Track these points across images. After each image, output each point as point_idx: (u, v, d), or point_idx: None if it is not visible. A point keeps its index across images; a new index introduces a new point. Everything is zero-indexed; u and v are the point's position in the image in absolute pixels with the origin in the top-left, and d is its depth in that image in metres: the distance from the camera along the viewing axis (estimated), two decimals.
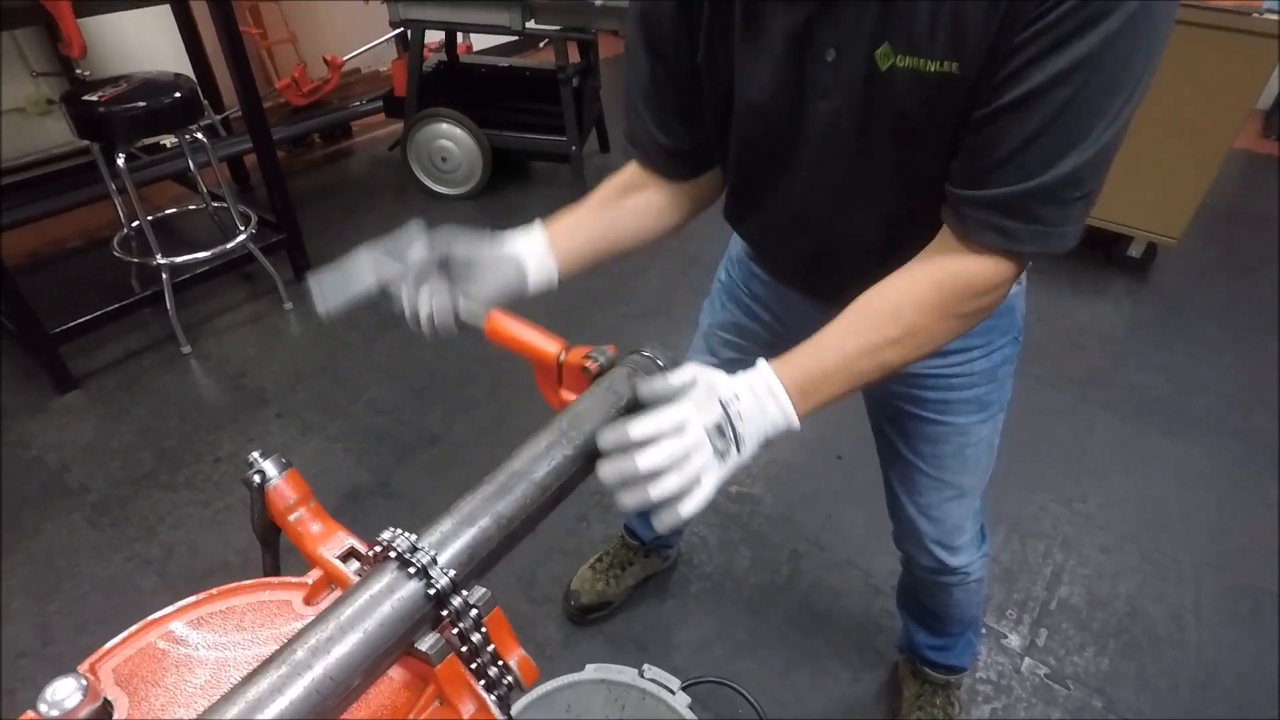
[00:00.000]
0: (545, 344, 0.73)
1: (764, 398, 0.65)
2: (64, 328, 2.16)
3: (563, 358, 0.71)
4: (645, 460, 0.56)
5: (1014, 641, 1.62)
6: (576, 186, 3.26)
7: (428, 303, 0.78)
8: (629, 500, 0.58)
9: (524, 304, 2.60)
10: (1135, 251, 2.86)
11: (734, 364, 1.16)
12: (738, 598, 1.69)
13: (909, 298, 0.71)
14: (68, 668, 1.54)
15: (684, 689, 1.20)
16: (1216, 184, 2.60)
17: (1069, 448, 2.10)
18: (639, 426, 0.57)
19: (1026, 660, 1.59)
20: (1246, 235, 3.17)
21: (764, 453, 2.05)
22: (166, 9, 2.69)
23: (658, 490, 0.57)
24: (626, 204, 0.91)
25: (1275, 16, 2.30)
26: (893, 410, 1.05)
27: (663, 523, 0.59)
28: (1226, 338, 2.55)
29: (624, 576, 1.62)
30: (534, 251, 0.83)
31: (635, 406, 0.64)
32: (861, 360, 0.69)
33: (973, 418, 1.02)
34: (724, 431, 0.62)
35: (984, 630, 1.61)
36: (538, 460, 0.59)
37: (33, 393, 2.21)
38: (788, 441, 2.13)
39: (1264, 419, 2.20)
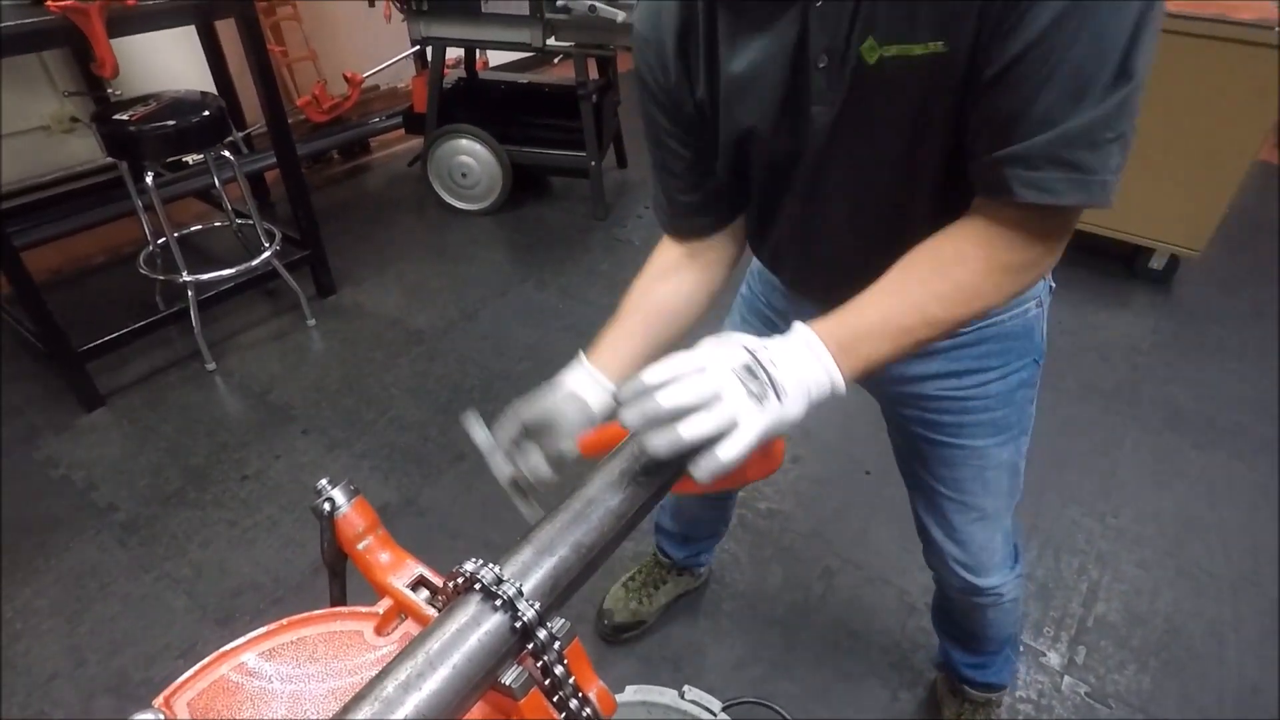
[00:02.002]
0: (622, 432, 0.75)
1: (800, 351, 0.62)
2: (90, 345, 2.17)
3: None
4: (667, 397, 0.55)
5: (1053, 660, 1.60)
6: (596, 202, 3.27)
7: (535, 470, 0.79)
8: (659, 441, 0.54)
9: (546, 319, 2.61)
10: (1157, 264, 2.84)
11: None
12: (771, 616, 1.67)
13: (952, 253, 0.68)
14: (100, 690, 1.54)
15: (724, 710, 1.19)
16: (1237, 196, 2.58)
17: (1099, 461, 2.08)
18: (654, 371, 0.57)
19: (1066, 679, 1.56)
20: (1267, 246, 3.15)
21: (793, 466, 2.02)
22: (191, 29, 2.74)
23: (688, 429, 0.54)
24: (661, 295, 0.92)
25: None
26: (909, 435, 1.05)
27: (701, 469, 0.55)
28: (1252, 349, 2.52)
29: (657, 595, 1.60)
30: (588, 385, 0.84)
31: None
32: (907, 315, 0.66)
33: (989, 440, 1.00)
34: (755, 374, 0.58)
35: (1022, 648, 1.59)
36: (612, 487, 0.58)
37: (59, 411, 2.22)
38: (816, 457, 2.12)
39: None
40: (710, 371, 0.57)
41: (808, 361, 0.62)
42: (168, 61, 3.22)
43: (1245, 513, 1.92)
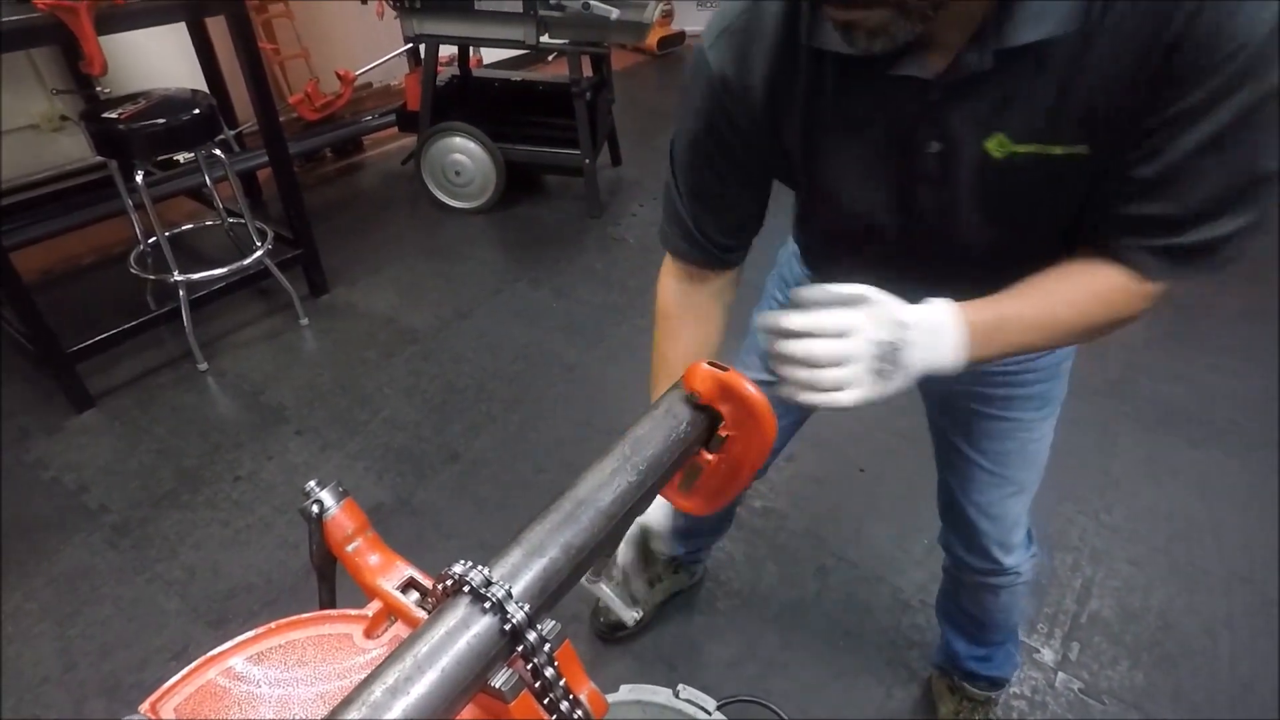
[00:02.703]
0: None
1: (940, 334, 0.65)
2: (81, 346, 2.16)
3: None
4: (788, 347, 0.61)
5: (1047, 656, 1.60)
6: (590, 200, 3.26)
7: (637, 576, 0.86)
8: (777, 360, 0.63)
9: (540, 318, 2.60)
10: None
11: None
12: (766, 614, 1.67)
13: (1094, 291, 0.71)
14: (92, 693, 1.53)
15: (719, 708, 1.19)
16: None
17: (1094, 459, 2.08)
18: (796, 317, 0.60)
19: (1060, 675, 1.57)
20: (1261, 245, 3.16)
21: (787, 464, 2.02)
22: (181, 26, 2.72)
23: (791, 373, 0.61)
24: (688, 325, 0.96)
25: None
26: (956, 410, 1.06)
27: (790, 396, 0.63)
28: (1245, 346, 2.53)
29: (652, 593, 1.60)
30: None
31: (695, 429, 0.63)
32: (1041, 331, 0.71)
33: (1037, 413, 1.03)
34: (891, 355, 0.63)
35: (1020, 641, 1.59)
36: (603, 487, 0.57)
37: (50, 412, 2.21)
38: (811, 455, 2.12)
39: None
40: (848, 340, 0.61)
41: (943, 344, 0.65)
42: (158, 59, 3.20)
43: (1238, 510, 1.93)
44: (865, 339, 0.62)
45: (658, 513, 0.86)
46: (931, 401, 1.11)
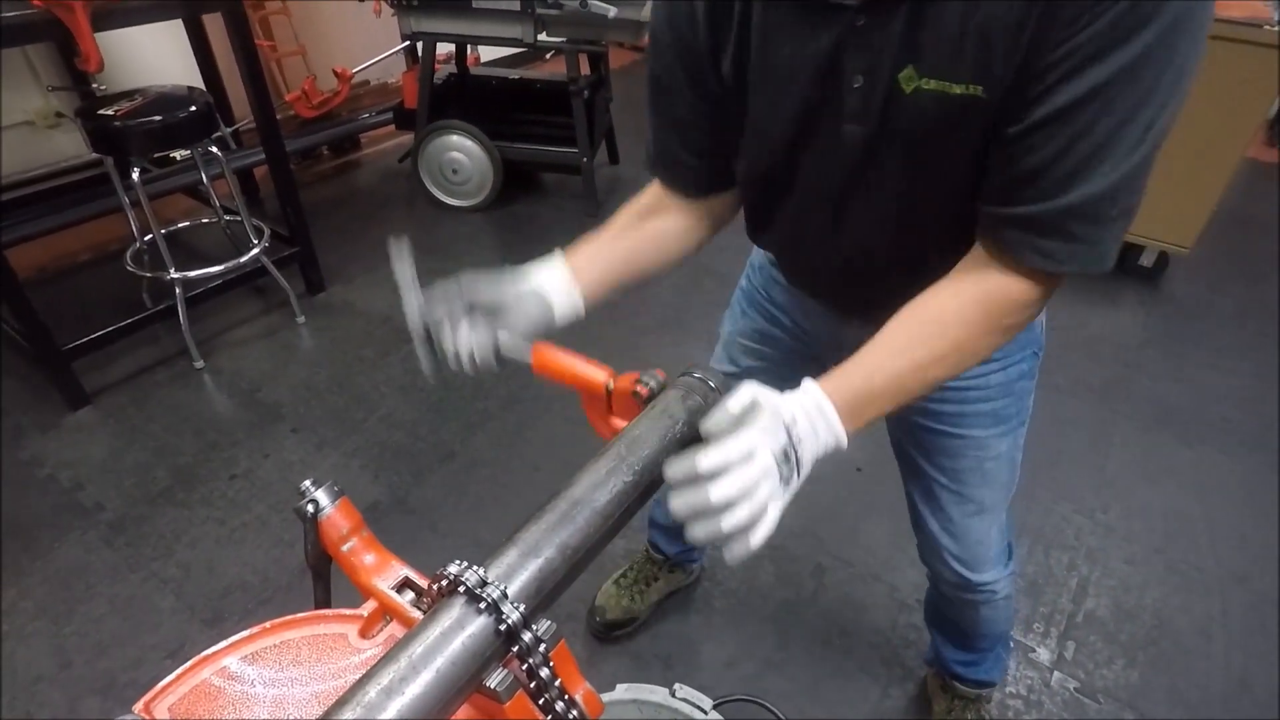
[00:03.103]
0: (593, 373, 0.73)
1: (816, 419, 0.64)
2: (76, 343, 2.15)
3: (611, 385, 0.71)
4: (718, 492, 0.55)
5: (1043, 655, 1.60)
6: (587, 198, 3.26)
7: (467, 341, 0.78)
8: (700, 533, 0.57)
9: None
10: (1147, 261, 2.86)
11: (755, 371, 1.16)
12: (763, 613, 1.67)
13: (954, 314, 0.70)
14: (87, 691, 1.52)
15: (716, 707, 1.19)
16: (1226, 193, 2.59)
17: (1090, 458, 2.09)
18: (708, 458, 0.56)
19: (1056, 674, 1.57)
20: (1255, 243, 3.17)
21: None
22: (178, 22, 2.71)
23: (730, 522, 0.56)
24: (647, 228, 0.91)
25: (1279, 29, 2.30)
26: (910, 424, 1.05)
27: (733, 554, 0.58)
28: (1240, 346, 2.54)
29: (649, 592, 1.60)
30: (557, 284, 0.83)
31: (691, 429, 0.63)
32: (910, 378, 0.69)
33: (990, 431, 1.01)
34: (789, 457, 0.61)
35: (1013, 644, 1.60)
36: (598, 487, 0.57)
37: (44, 410, 2.20)
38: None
39: None
40: (756, 460, 0.57)
41: (822, 430, 0.64)
42: (154, 56, 3.19)
43: (1233, 509, 1.94)
44: (768, 453, 0.58)
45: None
46: (889, 418, 1.09)
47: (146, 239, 2.49)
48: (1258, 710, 1.51)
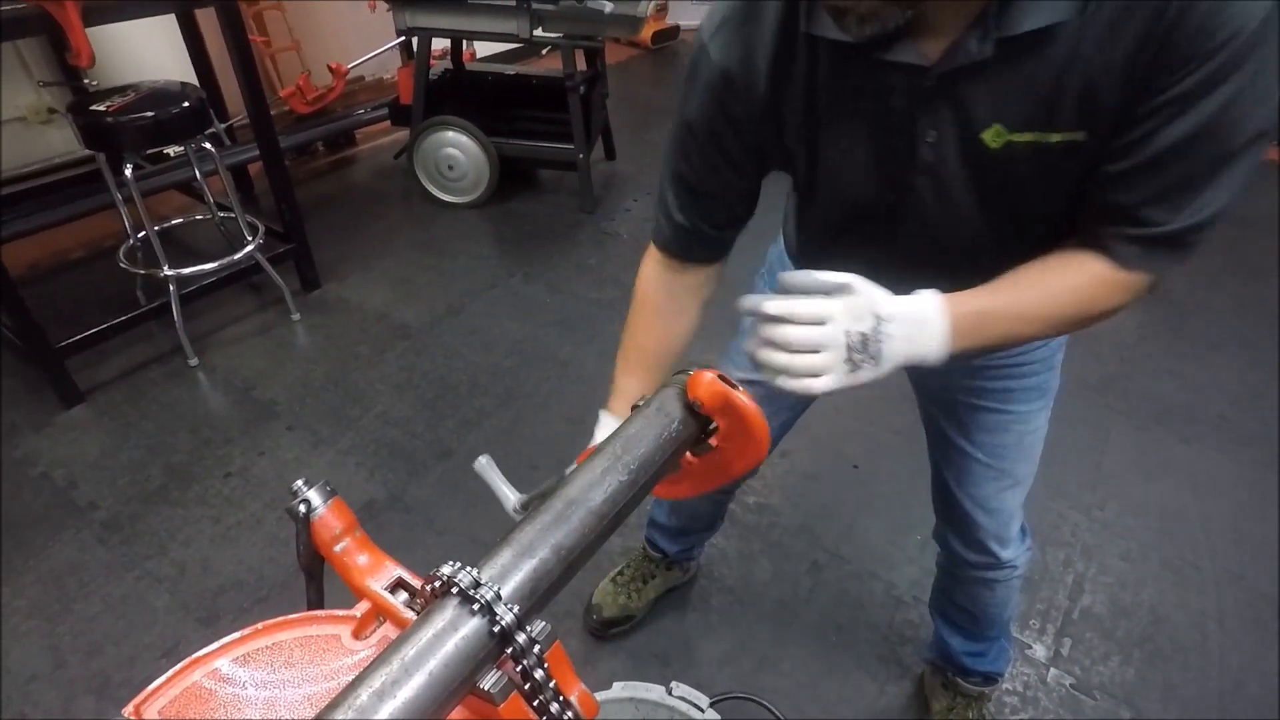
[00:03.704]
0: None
1: (923, 325, 0.66)
2: (69, 341, 2.14)
3: None
4: (770, 331, 0.62)
5: (1039, 652, 1.61)
6: (584, 194, 3.25)
7: None
8: (745, 348, 0.65)
9: (533, 314, 2.58)
10: None
11: None
12: (759, 610, 1.67)
13: (1076, 285, 0.72)
14: (81, 691, 1.51)
15: (712, 705, 1.18)
16: None
17: (1086, 455, 2.09)
18: (776, 303, 0.61)
19: (1052, 671, 1.57)
20: (1251, 240, 3.17)
21: (780, 460, 2.02)
22: (171, 17, 2.69)
23: (766, 356, 0.63)
24: (671, 340, 0.93)
25: None
26: (950, 404, 1.05)
27: (764, 376, 0.65)
28: (1237, 343, 2.54)
29: (646, 590, 1.60)
30: None
31: (688, 428, 0.63)
32: (1022, 325, 0.72)
33: (1033, 405, 1.03)
34: (868, 345, 0.64)
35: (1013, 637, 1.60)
36: (594, 487, 0.57)
37: (38, 407, 2.19)
38: (804, 451, 2.12)
39: (1277, 424, 2.19)
40: (824, 328, 0.62)
41: (926, 335, 0.66)
42: (147, 51, 3.17)
43: (1230, 506, 1.94)
44: (839, 328, 0.63)
45: None
46: (925, 395, 1.11)
47: (140, 236, 2.48)
48: (1253, 707, 1.51)
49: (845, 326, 0.63)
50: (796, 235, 1.01)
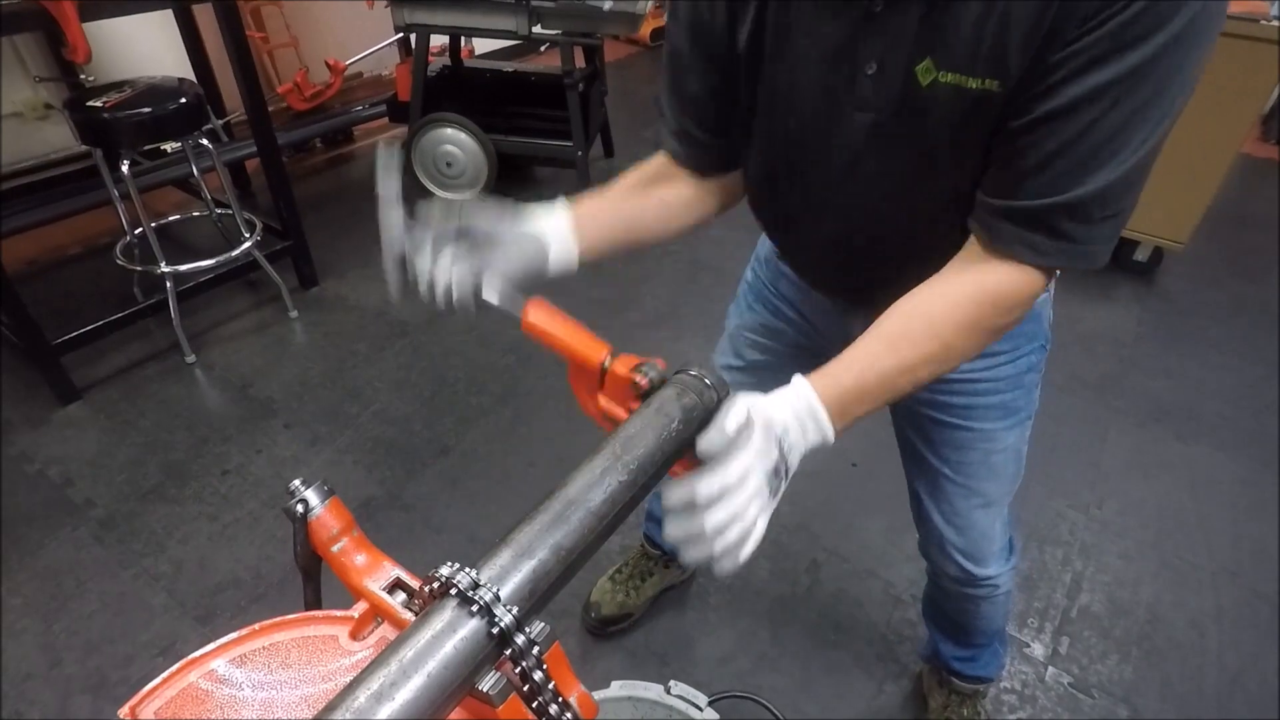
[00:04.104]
0: (591, 347, 0.69)
1: (805, 420, 0.64)
2: (66, 337, 2.13)
3: (608, 364, 0.68)
4: (712, 520, 0.56)
5: (1037, 650, 1.61)
6: (582, 191, 3.23)
7: (446, 272, 0.73)
8: (692, 555, 0.58)
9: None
10: (1141, 256, 2.86)
11: (760, 366, 1.16)
12: (758, 609, 1.67)
13: (945, 314, 0.70)
14: (77, 689, 1.51)
15: (711, 704, 1.18)
16: (1221, 189, 2.60)
17: (1084, 453, 2.09)
18: (706, 487, 0.56)
19: (1050, 669, 1.57)
20: (1250, 239, 3.17)
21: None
22: (168, 13, 2.67)
23: (721, 544, 0.57)
24: (653, 194, 0.90)
25: (1278, 24, 2.30)
26: (917, 417, 1.04)
27: (723, 569, 0.59)
28: (1235, 342, 2.55)
29: (644, 587, 1.59)
30: (557, 231, 0.81)
31: (687, 427, 0.62)
32: (900, 378, 0.69)
33: (998, 424, 1.01)
34: (779, 471, 0.61)
35: (1008, 639, 1.60)
36: (593, 487, 0.56)
37: (34, 405, 2.18)
38: None
39: (1275, 423, 2.19)
40: (749, 483, 0.58)
41: (809, 429, 0.64)
42: (144, 47, 3.15)
43: (1227, 504, 1.94)
44: (761, 475, 0.58)
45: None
46: (895, 409, 1.10)
47: (137, 232, 2.47)
48: (1251, 705, 1.52)
49: (763, 469, 0.59)
50: (748, 189, 0.96)
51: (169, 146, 2.93)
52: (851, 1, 0.67)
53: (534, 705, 0.50)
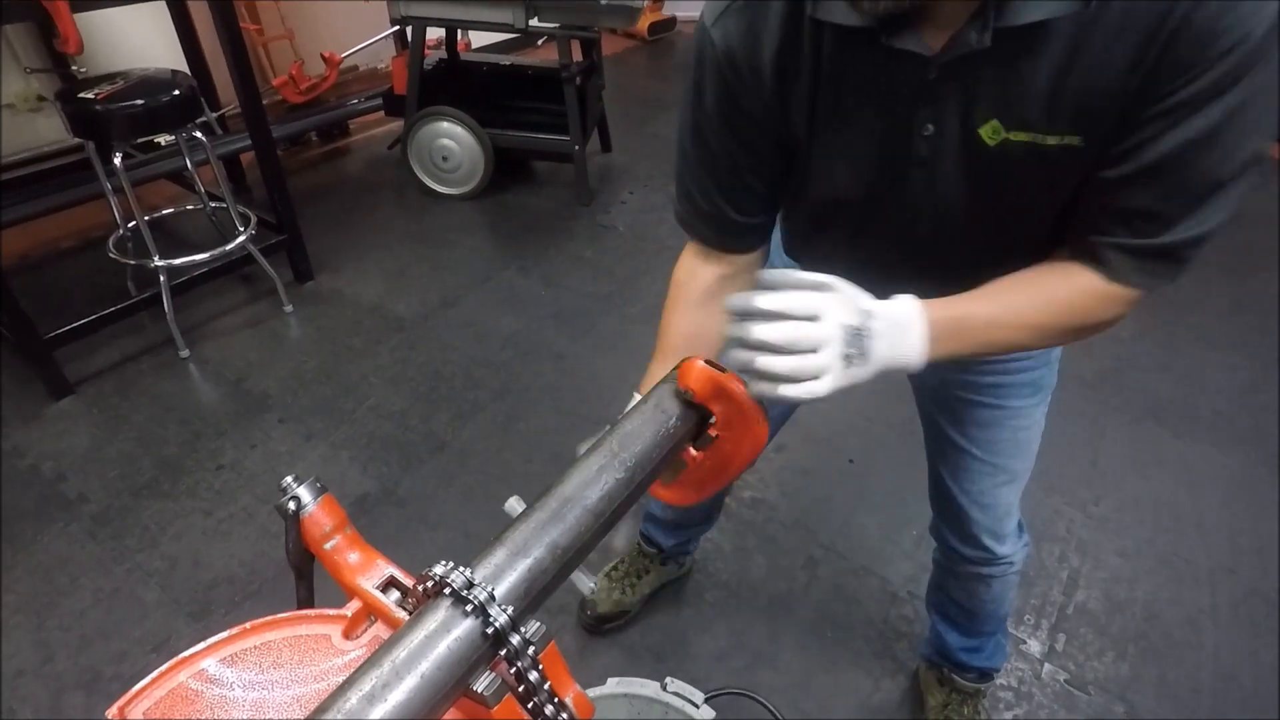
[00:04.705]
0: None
1: (904, 328, 0.65)
2: (58, 332, 2.11)
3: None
4: (766, 332, 0.58)
5: (1033, 647, 1.61)
6: (579, 187, 3.22)
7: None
8: (736, 359, 0.59)
9: (528, 307, 2.56)
10: None
11: None
12: (754, 606, 1.67)
13: (1062, 295, 0.71)
14: (70, 686, 1.50)
15: (707, 701, 1.18)
16: None
17: (1081, 450, 2.09)
18: (769, 298, 0.58)
19: (1047, 666, 1.57)
20: (1247, 236, 3.17)
21: (776, 455, 2.01)
22: (162, 4, 2.65)
23: (765, 363, 0.58)
24: (698, 314, 0.89)
25: None
26: (947, 397, 1.05)
27: (765, 392, 0.60)
28: (1232, 339, 2.54)
29: (640, 585, 1.59)
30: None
31: (685, 425, 0.62)
32: (1003, 333, 0.70)
33: (1028, 400, 1.02)
34: (857, 340, 0.62)
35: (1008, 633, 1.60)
36: (589, 485, 0.56)
37: (27, 399, 2.16)
38: (800, 446, 2.11)
39: (1272, 420, 2.19)
40: (821, 324, 0.59)
41: (908, 338, 0.65)
42: (137, 39, 3.13)
43: (1223, 501, 1.94)
44: (834, 322, 0.61)
45: None
46: (922, 391, 1.11)
47: (130, 226, 2.45)
48: (1247, 702, 1.52)
49: (839, 320, 0.61)
50: (788, 228, 0.99)
51: (163, 139, 2.92)
52: (909, 65, 0.66)
53: (529, 706, 0.49)
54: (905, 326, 0.65)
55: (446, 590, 0.47)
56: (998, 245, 0.77)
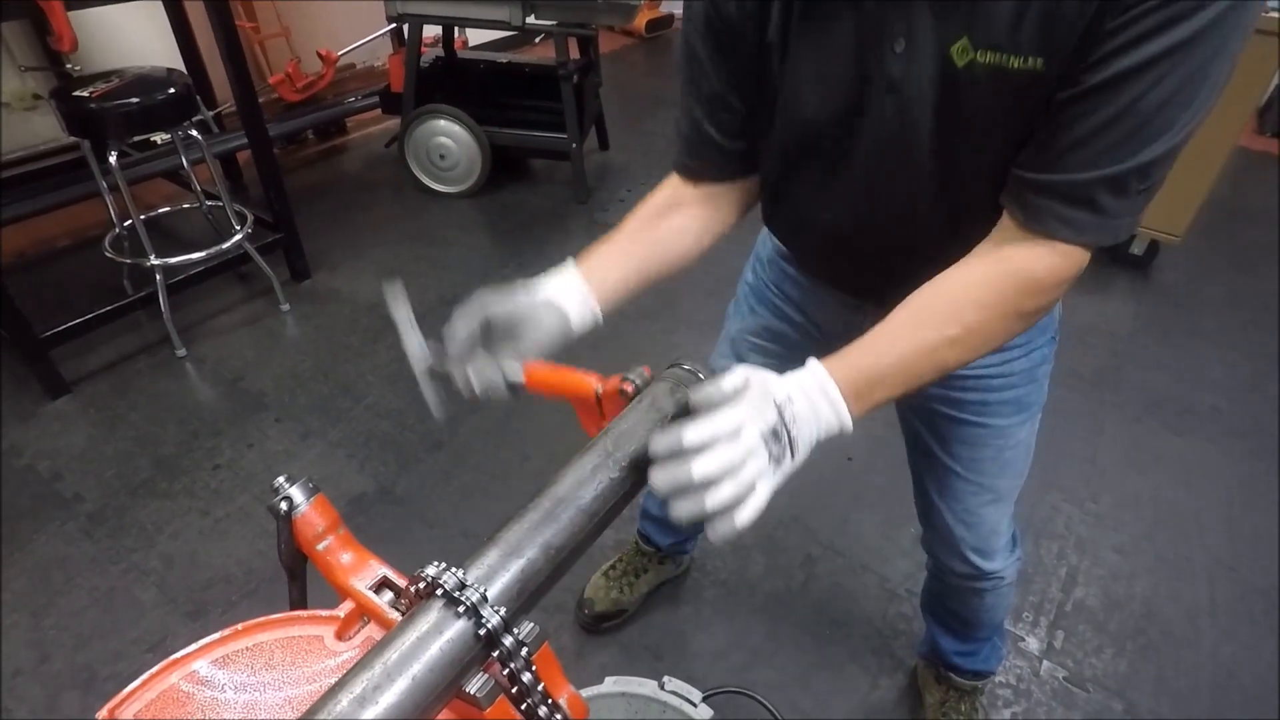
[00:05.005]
0: (581, 380, 0.71)
1: (817, 399, 0.63)
2: (54, 331, 2.10)
3: (600, 390, 0.69)
4: (700, 468, 0.53)
5: (1032, 644, 1.60)
6: (577, 184, 3.22)
7: (476, 379, 0.76)
8: (683, 510, 0.55)
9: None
10: (1137, 249, 2.85)
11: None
12: (753, 604, 1.66)
13: (968, 295, 0.68)
14: (66, 685, 1.49)
15: (705, 700, 1.18)
16: (1217, 182, 2.59)
17: (1080, 447, 2.09)
18: (694, 431, 0.54)
19: (1045, 663, 1.57)
20: (1246, 232, 3.17)
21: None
22: (157, 2, 2.64)
23: (713, 500, 0.54)
24: (663, 226, 0.88)
25: (1277, 15, 2.29)
26: (929, 414, 1.03)
27: (717, 533, 0.56)
28: (1230, 335, 2.54)
29: (638, 583, 1.59)
30: (571, 293, 0.81)
31: (683, 417, 0.61)
32: (919, 361, 0.67)
33: (1012, 419, 1.00)
34: (779, 436, 0.59)
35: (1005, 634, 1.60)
36: (584, 484, 0.55)
37: (23, 399, 2.16)
38: None
39: (1270, 416, 2.19)
40: (743, 437, 0.55)
41: (823, 411, 0.62)
42: (132, 37, 3.12)
43: (1221, 498, 1.94)
44: (754, 430, 0.56)
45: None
46: (905, 405, 1.08)
47: (126, 225, 2.44)
48: (1245, 699, 1.52)
49: (758, 426, 0.57)
50: (762, 172, 0.93)
51: (158, 138, 2.91)
52: None
53: (523, 707, 0.49)
54: (822, 393, 0.63)
55: (439, 591, 0.47)
56: (953, 189, 0.75)
